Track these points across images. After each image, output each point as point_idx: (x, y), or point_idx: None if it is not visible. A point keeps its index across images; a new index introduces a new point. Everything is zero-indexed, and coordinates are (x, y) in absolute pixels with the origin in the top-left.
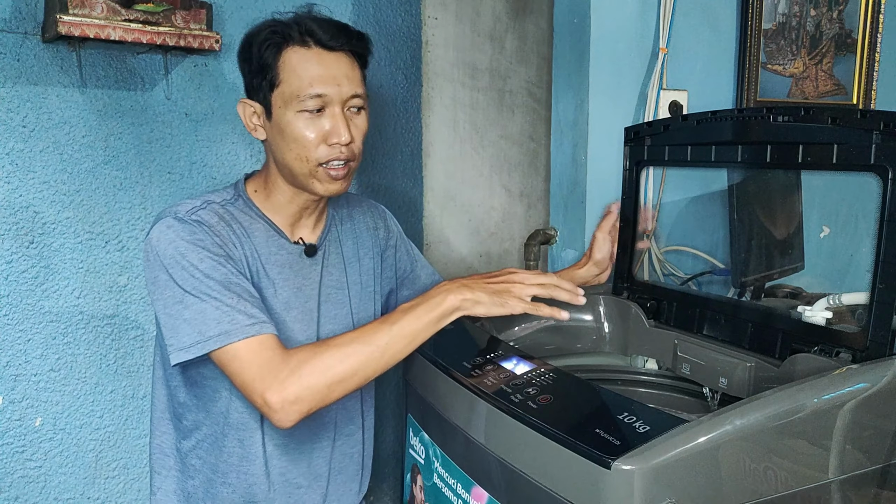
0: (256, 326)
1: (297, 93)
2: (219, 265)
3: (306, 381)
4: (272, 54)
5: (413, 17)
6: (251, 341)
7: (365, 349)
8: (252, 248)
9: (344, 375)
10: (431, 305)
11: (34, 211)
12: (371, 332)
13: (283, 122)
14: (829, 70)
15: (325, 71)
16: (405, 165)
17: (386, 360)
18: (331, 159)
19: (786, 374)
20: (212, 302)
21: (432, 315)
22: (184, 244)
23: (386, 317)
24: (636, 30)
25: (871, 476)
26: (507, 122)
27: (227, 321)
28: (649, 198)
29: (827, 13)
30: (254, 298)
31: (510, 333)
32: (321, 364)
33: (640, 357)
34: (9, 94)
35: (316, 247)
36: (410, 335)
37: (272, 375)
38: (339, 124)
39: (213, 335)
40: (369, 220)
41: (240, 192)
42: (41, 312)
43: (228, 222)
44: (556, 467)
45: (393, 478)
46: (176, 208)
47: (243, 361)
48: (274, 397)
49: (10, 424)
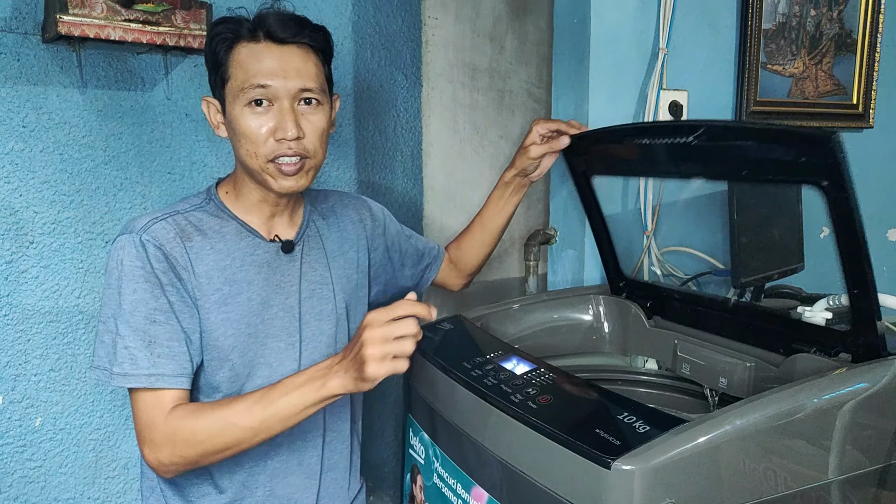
0: (153, 378)
1: (242, 85)
2: (151, 297)
3: (178, 450)
4: (224, 50)
5: (413, 18)
6: (144, 394)
7: (237, 430)
8: (223, 251)
9: (215, 450)
10: (310, 391)
11: (34, 211)
12: (245, 411)
13: (232, 117)
14: (829, 70)
15: (271, 63)
16: (405, 165)
17: (259, 440)
18: (278, 155)
19: (786, 374)
20: (127, 339)
21: (308, 399)
22: (124, 270)
23: (266, 392)
24: (636, 30)
25: (871, 476)
26: (507, 122)
27: (129, 363)
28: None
29: (827, 13)
30: (174, 343)
31: (510, 333)
32: (193, 437)
33: (640, 357)
34: (9, 94)
35: (293, 243)
36: (285, 418)
37: (150, 436)
38: (285, 119)
39: (117, 372)
40: (353, 214)
41: (211, 196)
42: (41, 312)
43: (189, 234)
44: (555, 467)
45: (393, 478)
46: (135, 222)
47: (136, 410)
48: (150, 456)
49: (10, 424)
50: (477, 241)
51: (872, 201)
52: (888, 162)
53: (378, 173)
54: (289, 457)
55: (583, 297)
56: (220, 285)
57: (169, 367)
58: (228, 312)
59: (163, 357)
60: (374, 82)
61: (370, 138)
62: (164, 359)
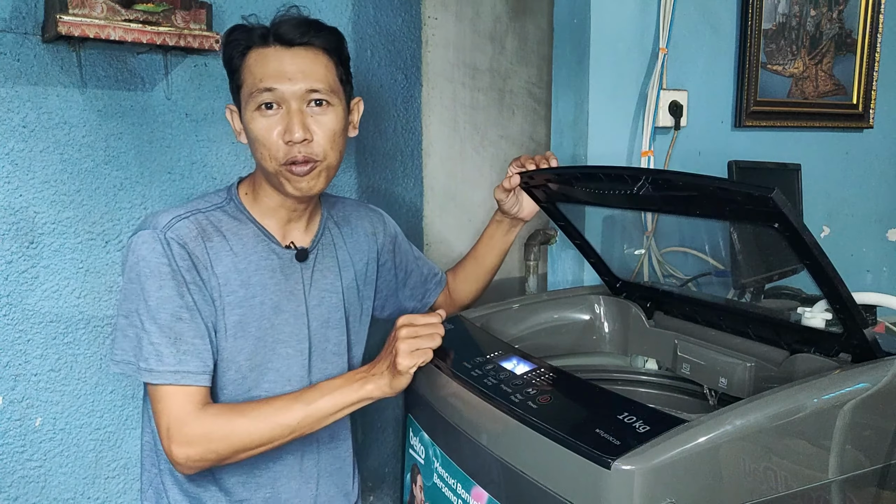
0: (179, 375)
1: (251, 90)
2: (177, 295)
3: (214, 446)
4: (238, 57)
5: (413, 18)
6: (173, 390)
7: (276, 427)
8: (240, 253)
9: (250, 446)
10: (349, 392)
11: (34, 211)
12: (285, 408)
13: (246, 121)
14: (829, 70)
15: (278, 66)
16: (405, 165)
17: (294, 437)
18: (290, 159)
19: (786, 374)
20: (153, 335)
21: (347, 400)
22: (149, 266)
23: (303, 393)
24: (636, 30)
25: (871, 476)
26: (507, 122)
27: (155, 360)
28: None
29: (827, 13)
30: (197, 340)
31: (510, 333)
32: (231, 433)
33: (640, 357)
34: (9, 94)
35: (307, 251)
36: (322, 417)
37: (181, 432)
38: (292, 121)
39: (143, 367)
40: (367, 226)
41: (232, 196)
42: (41, 312)
43: (209, 234)
44: (555, 467)
45: (393, 478)
46: (157, 218)
47: (162, 406)
48: (179, 452)
49: (10, 424)
50: (470, 276)
51: (872, 201)
52: (888, 162)
53: (378, 173)
54: (290, 460)
55: (583, 297)
56: (236, 287)
57: (194, 365)
58: (242, 315)
59: (188, 354)
60: (374, 82)
61: (370, 138)
62: (190, 356)
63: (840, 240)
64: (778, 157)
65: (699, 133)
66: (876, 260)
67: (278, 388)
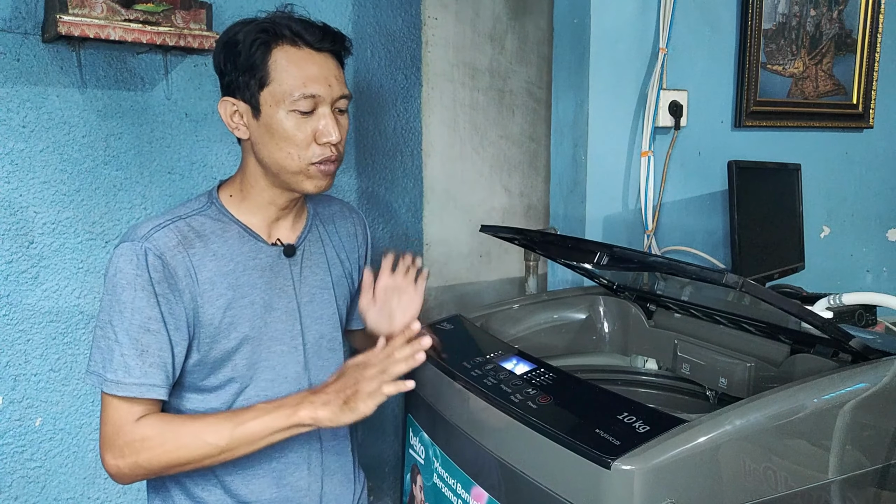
0: (143, 388)
1: (291, 91)
2: (147, 306)
3: (143, 460)
4: (261, 53)
5: (413, 18)
6: (118, 401)
7: (204, 446)
8: (226, 255)
9: (179, 463)
10: (280, 416)
11: (34, 211)
12: (215, 427)
13: (273, 121)
14: (828, 70)
15: (317, 71)
16: (405, 165)
17: (223, 458)
18: (324, 159)
19: (786, 374)
20: (125, 346)
21: (277, 424)
22: (125, 277)
23: (237, 413)
24: (636, 30)
25: (871, 476)
26: (507, 122)
27: (123, 371)
28: (650, 197)
29: (827, 13)
30: (164, 353)
31: (510, 333)
32: (160, 449)
33: (640, 357)
34: (9, 94)
35: (294, 247)
36: (252, 441)
37: (115, 442)
38: (329, 124)
39: (110, 378)
40: (349, 226)
41: (213, 200)
42: (41, 312)
43: (191, 241)
44: (556, 467)
45: (393, 478)
46: (137, 229)
47: (105, 414)
48: (110, 462)
49: (10, 424)
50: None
51: (872, 201)
52: (888, 162)
53: (378, 173)
54: (295, 458)
55: (583, 297)
56: (224, 290)
57: (158, 378)
58: (233, 317)
59: (154, 367)
60: (374, 82)
61: (370, 138)
62: (155, 368)
63: (840, 240)
64: (778, 157)
65: (699, 133)
66: (876, 260)
67: (276, 385)
